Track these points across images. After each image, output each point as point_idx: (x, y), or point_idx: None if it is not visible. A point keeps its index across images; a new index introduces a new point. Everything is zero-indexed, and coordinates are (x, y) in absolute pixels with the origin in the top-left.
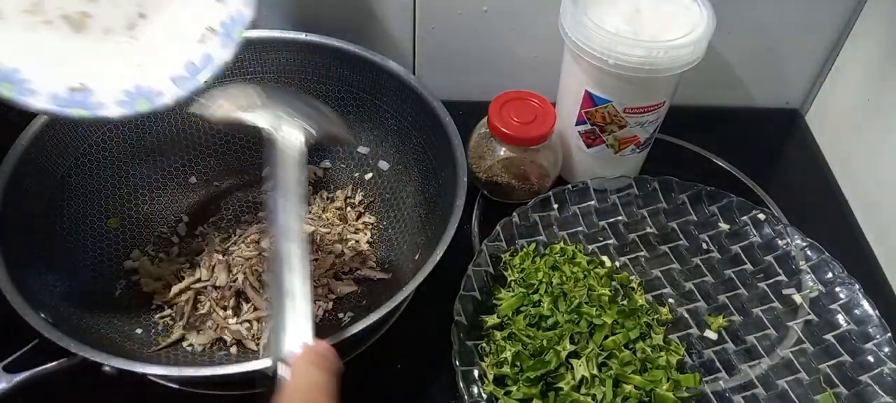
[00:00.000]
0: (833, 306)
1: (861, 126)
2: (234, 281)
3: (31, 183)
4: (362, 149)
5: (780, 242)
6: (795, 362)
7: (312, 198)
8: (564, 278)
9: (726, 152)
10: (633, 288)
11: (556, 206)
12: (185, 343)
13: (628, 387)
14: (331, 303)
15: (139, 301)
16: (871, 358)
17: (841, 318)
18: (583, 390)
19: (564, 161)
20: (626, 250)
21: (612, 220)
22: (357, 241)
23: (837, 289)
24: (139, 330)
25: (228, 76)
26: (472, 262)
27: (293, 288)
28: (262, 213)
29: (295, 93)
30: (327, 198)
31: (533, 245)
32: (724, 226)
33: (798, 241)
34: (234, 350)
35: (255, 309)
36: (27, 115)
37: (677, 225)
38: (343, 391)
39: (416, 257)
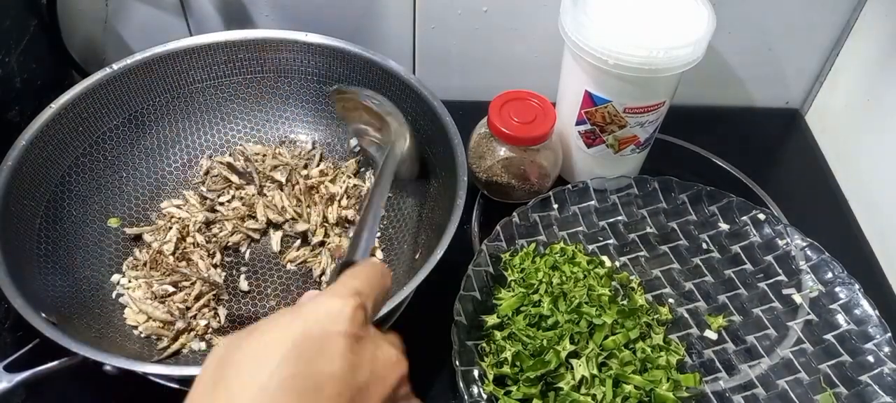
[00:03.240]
0: (833, 306)
1: (861, 126)
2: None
3: (32, 182)
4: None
5: (780, 242)
6: (795, 362)
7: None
8: (564, 278)
9: (726, 152)
10: (633, 288)
11: (556, 206)
12: (184, 350)
13: (628, 387)
14: None
15: None
16: (871, 358)
17: (841, 318)
18: (583, 390)
19: (564, 161)
20: (626, 250)
21: (612, 220)
22: None
23: (837, 289)
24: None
25: (230, 75)
26: (472, 262)
27: (364, 227)
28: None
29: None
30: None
31: (533, 245)
32: (724, 226)
33: (798, 241)
34: None
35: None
36: (27, 115)
37: (677, 225)
38: None
39: (417, 257)
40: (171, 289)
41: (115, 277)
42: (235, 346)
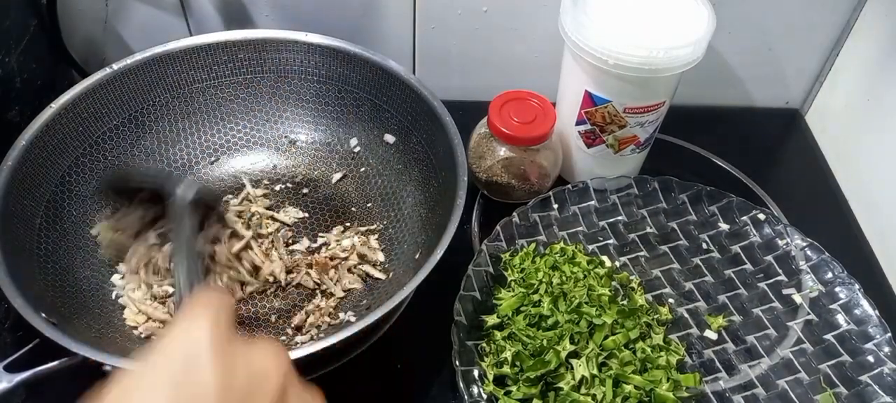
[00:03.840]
0: (833, 306)
1: (861, 126)
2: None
3: (32, 182)
4: (389, 138)
5: (780, 242)
6: (795, 362)
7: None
8: (564, 278)
9: (726, 152)
10: (633, 288)
11: (556, 206)
12: None
13: (628, 387)
14: (333, 301)
15: None
16: (871, 358)
17: (841, 318)
18: (583, 390)
19: (564, 161)
20: (626, 250)
21: (612, 220)
22: (367, 240)
23: (837, 289)
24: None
25: (228, 75)
26: (472, 262)
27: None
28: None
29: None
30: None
31: (533, 245)
32: (724, 226)
33: (798, 241)
34: None
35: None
36: (27, 115)
37: (677, 225)
38: (343, 390)
39: (417, 257)
40: (171, 290)
41: (115, 277)
42: None
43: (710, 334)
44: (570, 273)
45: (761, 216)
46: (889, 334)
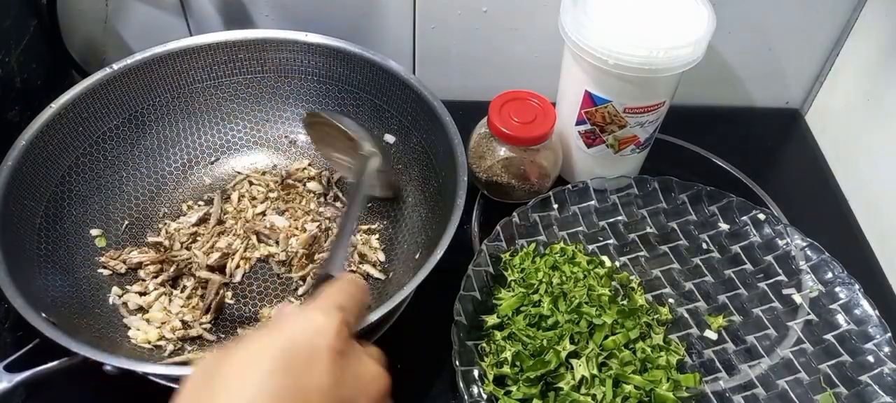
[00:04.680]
0: (833, 306)
1: (861, 126)
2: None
3: (32, 182)
4: (389, 138)
5: (780, 242)
6: (795, 362)
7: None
8: (564, 278)
9: (726, 152)
10: (633, 288)
11: (556, 206)
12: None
13: (628, 387)
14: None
15: None
16: (871, 358)
17: (841, 318)
18: (583, 390)
19: (564, 161)
20: (626, 250)
21: (612, 220)
22: (368, 241)
23: (837, 289)
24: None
25: (226, 75)
26: (472, 262)
27: (341, 243)
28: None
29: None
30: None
31: (533, 245)
32: (724, 226)
33: (798, 241)
34: None
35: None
36: (27, 115)
37: (677, 225)
38: None
39: (417, 257)
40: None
41: (116, 290)
42: (221, 359)
43: (710, 334)
44: (570, 273)
45: (761, 216)
46: (889, 334)
